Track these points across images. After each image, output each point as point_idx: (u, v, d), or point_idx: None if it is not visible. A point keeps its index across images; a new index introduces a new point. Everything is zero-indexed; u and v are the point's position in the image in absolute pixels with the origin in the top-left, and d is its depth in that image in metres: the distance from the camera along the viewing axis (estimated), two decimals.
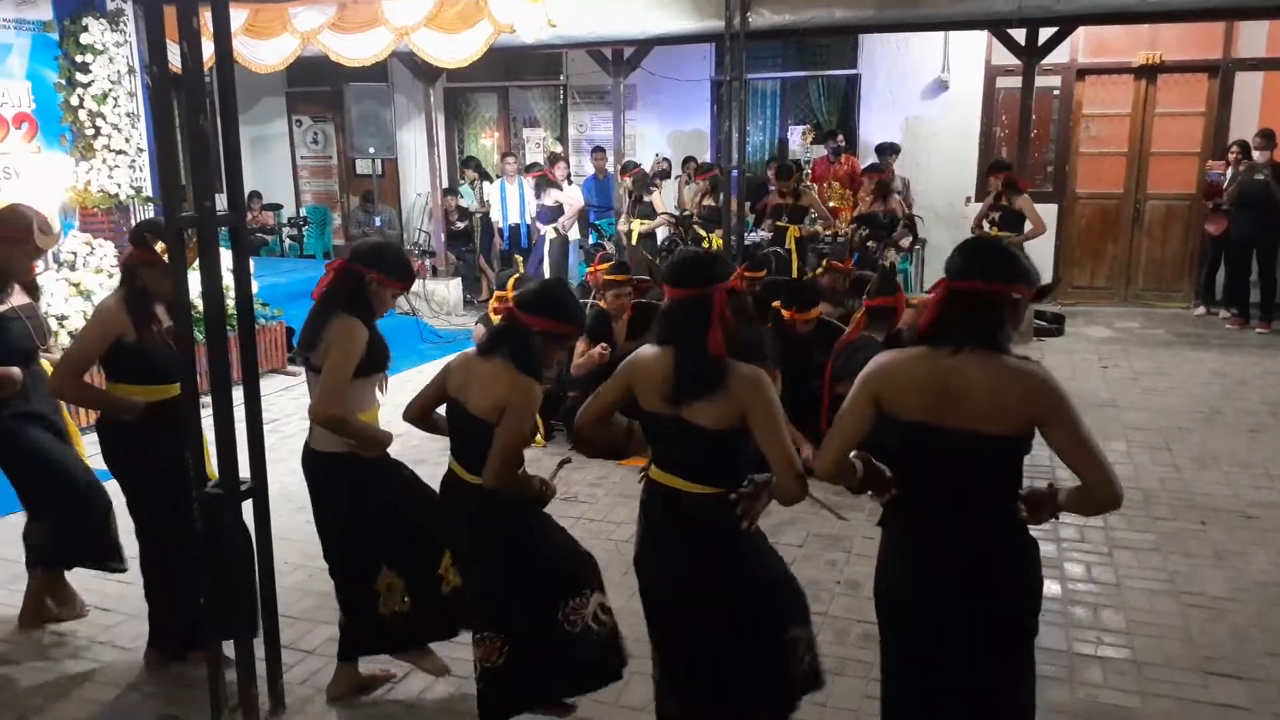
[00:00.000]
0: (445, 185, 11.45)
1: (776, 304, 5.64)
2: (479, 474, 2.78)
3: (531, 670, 2.90)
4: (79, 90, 7.51)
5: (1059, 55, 9.37)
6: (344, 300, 3.08)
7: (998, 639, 2.27)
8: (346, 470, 3.16)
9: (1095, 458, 2.13)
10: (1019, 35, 8.86)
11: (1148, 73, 10.09)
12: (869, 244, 8.42)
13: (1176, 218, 10.30)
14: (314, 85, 12.53)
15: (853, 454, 2.35)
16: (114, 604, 3.94)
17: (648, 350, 2.59)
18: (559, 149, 11.76)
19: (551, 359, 3.01)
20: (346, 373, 3.01)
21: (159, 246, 3.19)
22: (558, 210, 10.15)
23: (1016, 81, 9.32)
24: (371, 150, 10.09)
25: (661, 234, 9.93)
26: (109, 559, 3.83)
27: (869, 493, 2.40)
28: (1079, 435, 2.13)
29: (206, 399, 2.89)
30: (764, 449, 2.42)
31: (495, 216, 10.84)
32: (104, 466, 3.51)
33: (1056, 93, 10.34)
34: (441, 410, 3.03)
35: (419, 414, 3.08)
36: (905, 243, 9.07)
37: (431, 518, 3.20)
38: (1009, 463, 2.22)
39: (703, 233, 9.20)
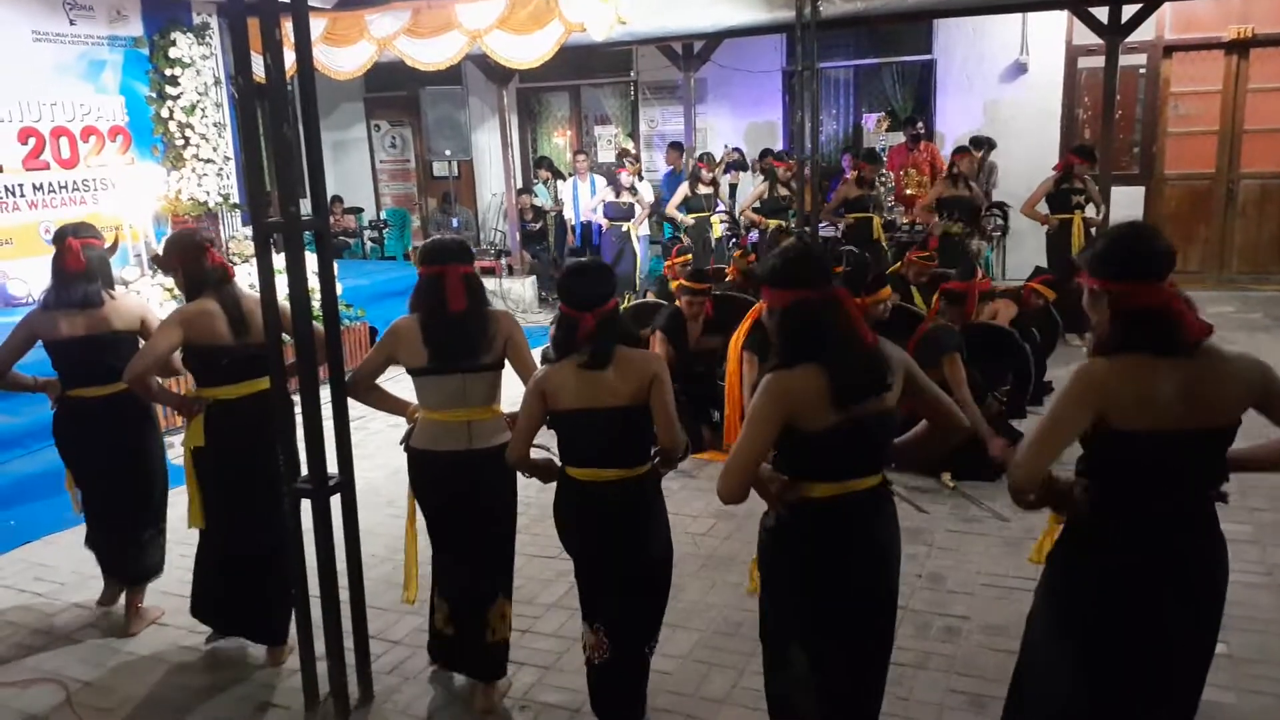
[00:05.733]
0: (519, 185, 11.58)
1: None
2: (638, 465, 2.84)
3: (618, 683, 2.96)
4: (169, 102, 7.80)
5: (1144, 32, 9.06)
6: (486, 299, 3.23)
7: (1211, 647, 2.24)
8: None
9: None
10: (1101, 13, 8.59)
11: (1239, 47, 9.70)
12: (955, 229, 8.25)
13: (1272, 197, 9.89)
14: (391, 90, 12.77)
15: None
16: None
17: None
18: (630, 145, 11.77)
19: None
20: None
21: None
22: (627, 208, 10.02)
23: (1099, 61, 9.03)
24: (448, 152, 10.25)
25: (721, 228, 9.89)
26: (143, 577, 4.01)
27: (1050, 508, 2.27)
28: None
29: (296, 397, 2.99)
30: None
31: (568, 215, 10.91)
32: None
33: (1142, 71, 10.00)
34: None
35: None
36: (990, 227, 8.89)
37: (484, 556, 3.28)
38: (1225, 452, 2.20)
39: (754, 218, 9.36)
